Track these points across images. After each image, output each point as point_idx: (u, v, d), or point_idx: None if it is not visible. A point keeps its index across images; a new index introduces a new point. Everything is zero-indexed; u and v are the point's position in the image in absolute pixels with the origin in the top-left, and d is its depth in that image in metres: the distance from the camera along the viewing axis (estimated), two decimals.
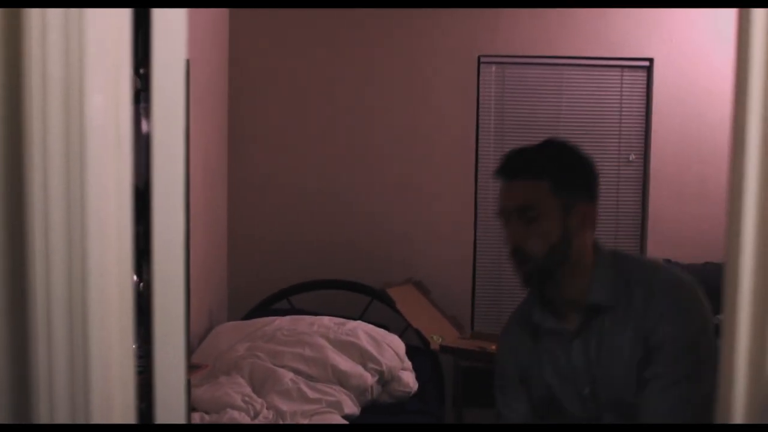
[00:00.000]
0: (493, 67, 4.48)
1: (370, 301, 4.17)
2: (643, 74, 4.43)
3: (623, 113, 4.49)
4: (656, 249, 4.45)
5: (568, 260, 1.80)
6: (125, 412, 0.96)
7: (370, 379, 3.28)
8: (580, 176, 1.83)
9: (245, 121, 4.44)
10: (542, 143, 1.87)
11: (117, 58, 0.92)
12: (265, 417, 2.90)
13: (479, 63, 4.46)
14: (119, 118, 0.93)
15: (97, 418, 0.93)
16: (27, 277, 0.90)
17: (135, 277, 1.04)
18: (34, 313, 0.90)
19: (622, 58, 4.41)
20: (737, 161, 0.97)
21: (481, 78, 4.48)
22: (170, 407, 1.00)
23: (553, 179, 1.78)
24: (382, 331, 3.62)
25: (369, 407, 3.25)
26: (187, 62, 1.01)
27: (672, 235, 4.50)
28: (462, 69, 4.46)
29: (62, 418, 0.92)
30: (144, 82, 1.00)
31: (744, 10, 0.97)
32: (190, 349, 3.46)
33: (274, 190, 4.47)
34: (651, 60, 4.41)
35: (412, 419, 3.22)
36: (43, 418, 0.91)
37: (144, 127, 1.04)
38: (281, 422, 2.89)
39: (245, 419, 2.85)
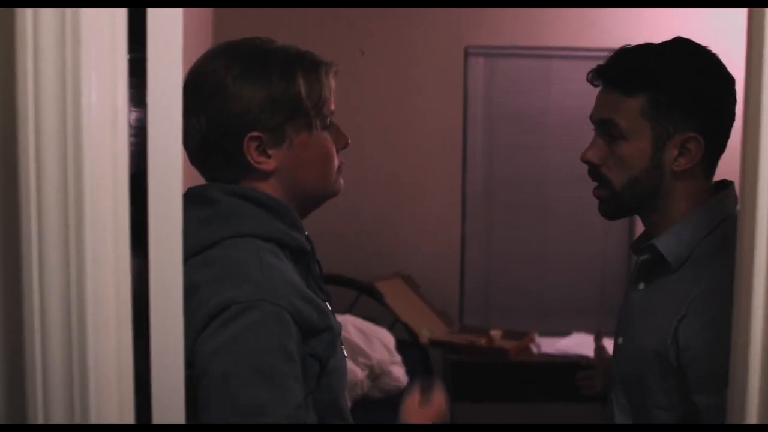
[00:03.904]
0: (481, 59, 4.45)
1: (358, 295, 4.14)
2: None
3: None
4: None
5: (652, 199, 1.49)
6: (123, 411, 0.92)
7: (360, 373, 3.25)
8: (694, 97, 1.44)
9: None
10: (665, 43, 1.50)
11: (113, 58, 0.89)
12: None
13: (467, 54, 4.43)
14: (116, 108, 0.89)
15: (94, 418, 0.89)
16: (21, 268, 0.86)
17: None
18: (29, 306, 0.86)
19: (611, 49, 4.37)
20: (751, 152, 0.95)
21: (468, 70, 4.45)
22: (168, 406, 0.97)
23: (651, 97, 1.44)
24: (371, 324, 3.59)
25: (360, 402, 3.22)
26: None
27: None
28: (449, 60, 4.42)
29: (58, 417, 0.88)
30: (133, 67, 0.96)
31: (756, 10, 0.94)
32: None
33: None
34: None
35: None
36: (39, 417, 0.87)
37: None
38: None
39: None
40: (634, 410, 1.53)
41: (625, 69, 1.50)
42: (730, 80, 1.48)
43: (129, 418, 0.93)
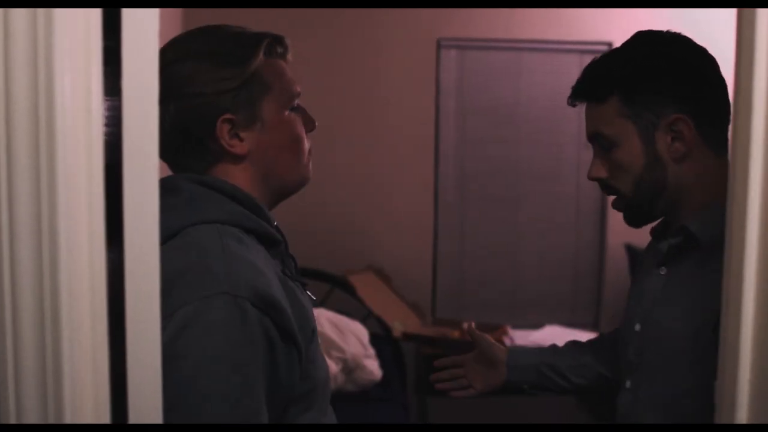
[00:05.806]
0: (453, 51, 4.44)
1: (331, 289, 4.12)
2: None
3: None
4: (616, 233, 4.46)
5: (665, 194, 1.47)
6: (98, 411, 0.89)
7: (334, 367, 3.23)
8: (662, 79, 1.44)
9: None
10: (624, 43, 1.51)
11: (87, 43, 0.85)
12: None
13: (439, 46, 4.41)
14: (91, 92, 0.86)
15: (69, 418, 0.86)
16: None
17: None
18: None
19: (581, 41, 4.40)
20: (741, 153, 0.93)
21: (441, 62, 4.43)
22: (145, 405, 0.94)
23: (622, 94, 1.45)
24: (344, 318, 3.57)
25: (334, 396, 3.19)
26: None
27: None
28: (421, 52, 4.40)
29: (31, 417, 0.85)
30: (107, 56, 0.93)
31: (746, 10, 0.92)
32: None
33: None
34: (610, 44, 4.40)
35: (377, 407, 3.18)
36: (11, 417, 0.84)
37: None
38: None
39: None
40: (662, 397, 1.48)
41: (591, 79, 1.50)
42: (699, 51, 1.46)
43: (105, 417, 0.90)
